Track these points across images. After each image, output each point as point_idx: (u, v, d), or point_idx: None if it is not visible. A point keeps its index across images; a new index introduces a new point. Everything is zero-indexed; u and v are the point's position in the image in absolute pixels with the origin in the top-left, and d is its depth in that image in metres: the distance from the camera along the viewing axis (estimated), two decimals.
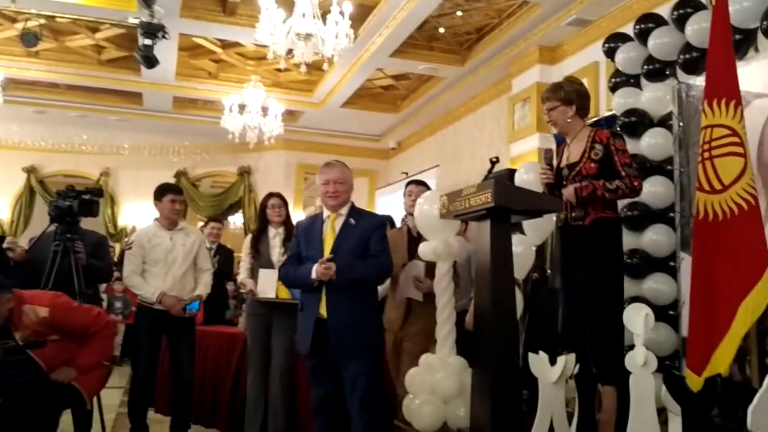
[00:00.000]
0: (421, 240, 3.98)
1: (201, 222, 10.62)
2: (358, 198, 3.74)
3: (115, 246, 10.19)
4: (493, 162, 4.17)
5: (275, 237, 4.54)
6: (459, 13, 6.88)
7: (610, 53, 4.54)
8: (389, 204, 9.72)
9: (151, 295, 4.26)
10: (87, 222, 4.33)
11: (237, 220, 13.29)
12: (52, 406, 3.33)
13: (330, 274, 3.20)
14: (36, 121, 10.58)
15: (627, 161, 3.17)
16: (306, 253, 3.40)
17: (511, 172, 3.44)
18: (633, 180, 3.13)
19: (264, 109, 8.46)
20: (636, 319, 2.33)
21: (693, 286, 2.95)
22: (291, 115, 9.93)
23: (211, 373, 5.21)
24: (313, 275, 3.25)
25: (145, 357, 4.35)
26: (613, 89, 4.49)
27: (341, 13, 5.71)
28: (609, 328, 2.80)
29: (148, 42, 6.23)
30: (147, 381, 4.39)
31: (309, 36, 5.63)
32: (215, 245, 6.32)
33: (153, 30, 6.15)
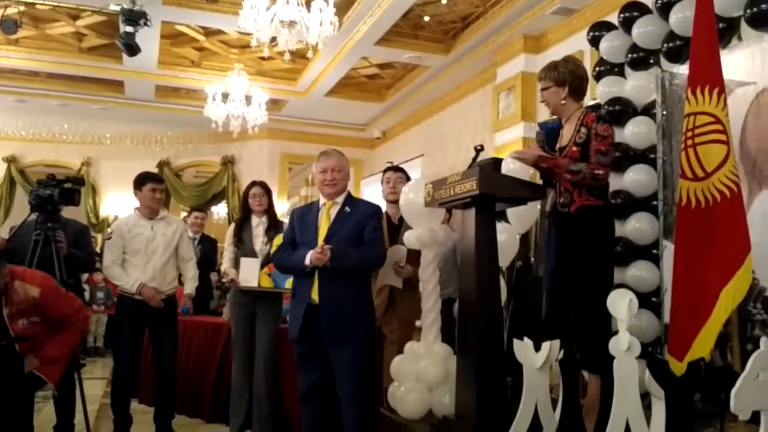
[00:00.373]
0: (403, 227, 3.99)
1: (184, 212, 10.56)
2: None
3: (97, 236, 10.09)
4: (478, 150, 4.16)
5: (258, 226, 4.53)
6: (444, 2, 6.86)
7: (594, 42, 4.55)
8: (375, 193, 9.69)
9: (131, 286, 4.22)
10: (69, 212, 4.28)
11: (221, 210, 13.23)
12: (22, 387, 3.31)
13: (324, 260, 3.21)
14: (16, 110, 10.45)
15: (602, 148, 3.02)
16: (300, 240, 3.41)
17: (497, 161, 3.43)
18: (598, 168, 3.00)
19: (247, 98, 8.40)
20: (620, 305, 2.34)
21: (675, 272, 2.98)
22: (275, 104, 9.87)
23: (196, 363, 5.20)
24: (307, 261, 3.25)
25: (127, 347, 4.32)
26: (598, 78, 4.50)
27: (325, 1, 5.68)
28: (594, 314, 2.81)
29: (129, 29, 6.16)
30: (129, 371, 4.36)
31: (293, 23, 5.59)
32: (199, 235, 6.28)
33: (135, 17, 6.08)
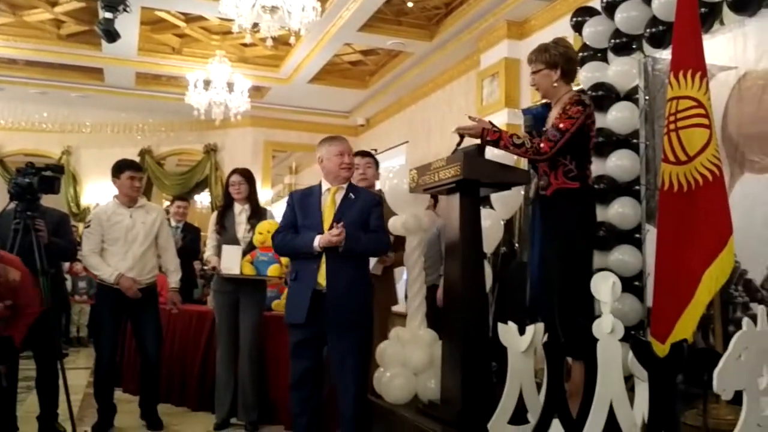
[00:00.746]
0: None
1: (167, 201, 10.48)
2: None
3: (78, 225, 9.98)
4: (462, 135, 4.15)
5: (241, 213, 4.50)
6: None
7: (577, 27, 4.55)
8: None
9: (109, 276, 4.18)
10: (49, 201, 4.23)
11: (204, 199, 13.13)
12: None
13: (341, 239, 3.19)
14: None
15: (559, 125, 2.93)
16: (303, 223, 3.37)
17: (481, 147, 3.41)
18: (542, 142, 2.93)
19: (230, 85, 8.32)
20: (603, 288, 2.35)
21: (658, 255, 3.00)
22: (258, 91, 9.79)
23: (180, 352, 5.18)
24: (316, 243, 3.23)
25: (108, 336, 4.29)
26: (581, 63, 4.50)
27: None
28: (576, 297, 2.83)
29: (108, 15, 6.08)
30: (111, 360, 4.34)
31: (275, 9, 5.53)
32: (181, 224, 6.24)
33: (113, 3, 6.00)
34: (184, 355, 5.15)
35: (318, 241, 3.23)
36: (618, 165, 4.13)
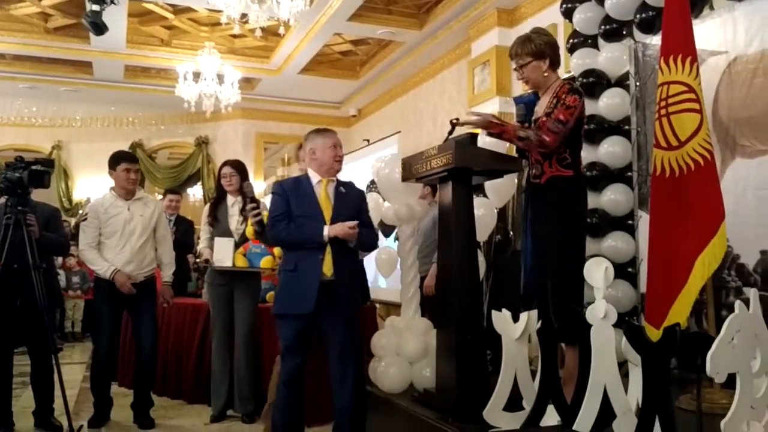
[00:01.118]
0: None
1: (159, 194, 10.43)
2: None
3: (70, 221, 9.95)
4: (454, 124, 4.14)
5: (234, 205, 4.49)
6: None
7: (567, 14, 4.54)
8: (351, 172, 9.67)
9: (105, 271, 4.16)
10: (41, 195, 4.20)
11: (197, 192, 13.08)
12: None
13: (355, 234, 3.22)
14: None
15: (561, 117, 2.91)
16: (300, 213, 3.31)
17: (473, 135, 3.41)
18: (546, 134, 2.91)
19: (220, 77, 8.27)
20: (596, 273, 2.36)
21: (651, 240, 3.01)
22: (248, 83, 9.74)
23: (175, 345, 5.18)
24: (326, 233, 3.22)
25: (106, 330, 4.28)
26: (571, 50, 4.51)
27: None
28: (570, 284, 2.83)
29: (95, 8, 6.02)
30: (109, 353, 4.33)
31: None
32: (174, 217, 6.21)
33: None
34: (179, 349, 5.15)
35: (328, 232, 3.22)
36: (610, 152, 4.13)
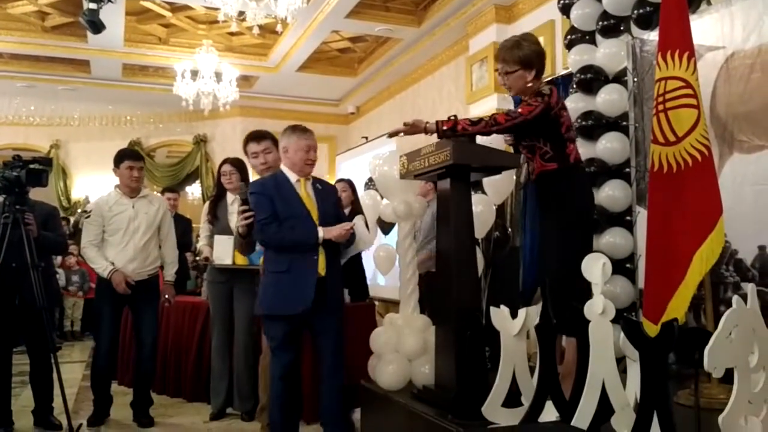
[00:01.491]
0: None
1: (157, 193, 10.42)
2: (318, 164, 3.71)
3: (69, 219, 9.94)
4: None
5: (233, 203, 4.48)
6: None
7: (565, 10, 4.53)
8: (350, 169, 9.67)
9: (103, 270, 4.16)
10: (39, 194, 4.20)
11: (195, 190, 13.06)
12: None
13: (347, 235, 3.27)
14: None
15: (519, 110, 2.97)
16: (287, 214, 3.27)
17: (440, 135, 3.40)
18: (501, 116, 2.95)
19: (217, 75, 8.28)
20: (594, 269, 2.36)
21: (649, 236, 3.01)
22: (246, 81, 9.75)
23: (175, 343, 5.18)
24: (321, 234, 3.21)
25: (108, 328, 4.27)
26: (569, 46, 4.50)
27: None
28: (567, 279, 2.83)
29: (93, 6, 6.03)
30: (109, 351, 4.33)
31: None
32: (172, 216, 6.20)
33: None
34: (178, 347, 5.15)
35: (323, 234, 3.22)
36: (608, 148, 4.13)
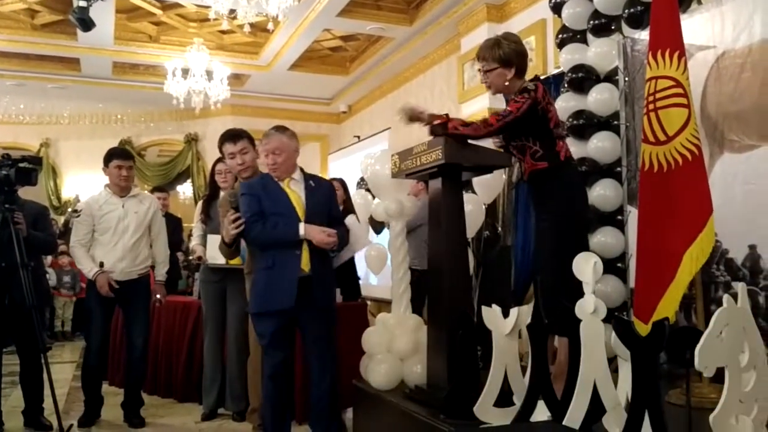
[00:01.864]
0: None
1: (147, 192, 10.37)
2: (310, 163, 3.72)
3: (59, 219, 9.88)
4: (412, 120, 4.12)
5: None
6: None
7: (556, 9, 4.54)
8: (342, 168, 9.67)
9: (88, 272, 4.15)
10: (29, 193, 4.17)
11: (186, 189, 13.03)
12: None
13: (333, 243, 3.23)
14: None
15: (507, 107, 2.97)
16: (274, 211, 3.28)
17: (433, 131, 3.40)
18: (491, 118, 2.96)
19: (208, 73, 8.24)
20: (585, 268, 2.36)
21: (639, 235, 3.02)
22: (237, 79, 9.71)
23: (166, 344, 5.16)
24: (302, 231, 3.20)
25: (98, 327, 4.25)
26: (560, 45, 4.51)
27: None
28: (558, 277, 2.83)
29: (83, 3, 6.00)
30: (100, 351, 4.30)
31: None
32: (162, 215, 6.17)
33: None
34: (170, 347, 5.13)
35: (304, 231, 3.21)
36: (599, 147, 4.14)
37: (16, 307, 3.80)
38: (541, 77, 3.59)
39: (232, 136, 3.93)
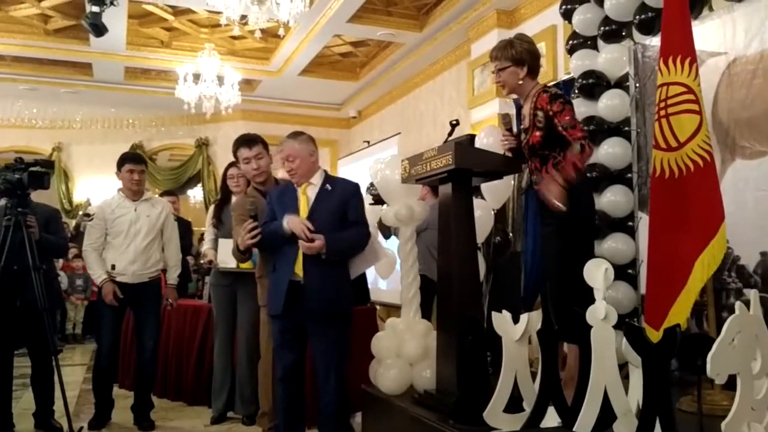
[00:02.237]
0: None
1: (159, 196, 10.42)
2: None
3: (70, 222, 9.94)
4: (453, 125, 4.15)
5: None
6: None
7: (567, 15, 4.54)
8: (352, 173, 9.67)
9: (97, 278, 4.21)
10: (41, 197, 4.20)
11: (197, 193, 13.07)
12: None
13: (315, 248, 3.12)
14: None
15: (566, 119, 2.96)
16: (280, 216, 3.31)
17: (472, 137, 3.43)
18: (574, 132, 2.93)
19: (220, 78, 8.28)
20: (596, 274, 2.36)
21: (650, 242, 3.00)
22: (248, 85, 9.75)
23: (176, 347, 5.18)
24: (285, 222, 3.18)
25: (110, 330, 4.28)
26: (571, 51, 4.51)
27: None
28: (570, 284, 2.82)
29: (95, 9, 6.05)
30: (111, 353, 4.33)
31: (262, 0, 5.49)
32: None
33: None
34: (180, 350, 5.15)
35: (286, 222, 3.17)
36: (610, 153, 4.13)
37: (28, 310, 3.84)
38: (550, 84, 3.60)
39: (247, 141, 3.97)
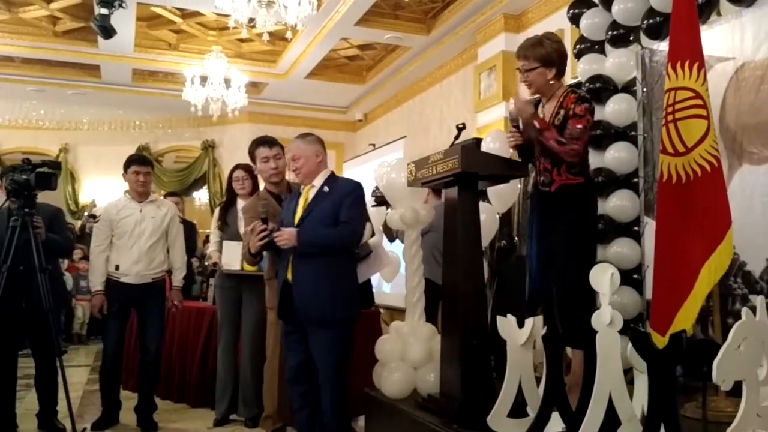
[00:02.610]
0: None
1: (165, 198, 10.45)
2: None
3: (75, 223, 9.97)
4: (460, 129, 4.14)
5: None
6: None
7: (574, 19, 4.53)
8: (358, 176, 9.66)
9: (92, 286, 4.27)
10: (48, 197, 4.21)
11: (202, 195, 13.10)
12: None
13: (284, 239, 3.18)
14: None
15: (578, 127, 2.96)
16: (284, 223, 3.39)
17: (478, 141, 3.43)
18: (574, 143, 2.94)
19: (227, 81, 8.30)
20: (602, 279, 2.35)
21: (657, 247, 2.99)
22: (255, 87, 9.78)
23: (180, 348, 5.19)
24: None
25: (114, 330, 4.30)
26: (578, 56, 4.49)
27: None
28: (577, 290, 2.81)
29: (104, 11, 6.08)
30: (116, 354, 4.34)
31: (271, 3, 5.52)
32: None
33: None
34: (183, 352, 5.15)
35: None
36: (616, 157, 4.11)
37: (33, 310, 3.85)
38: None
39: (267, 141, 4.05)
